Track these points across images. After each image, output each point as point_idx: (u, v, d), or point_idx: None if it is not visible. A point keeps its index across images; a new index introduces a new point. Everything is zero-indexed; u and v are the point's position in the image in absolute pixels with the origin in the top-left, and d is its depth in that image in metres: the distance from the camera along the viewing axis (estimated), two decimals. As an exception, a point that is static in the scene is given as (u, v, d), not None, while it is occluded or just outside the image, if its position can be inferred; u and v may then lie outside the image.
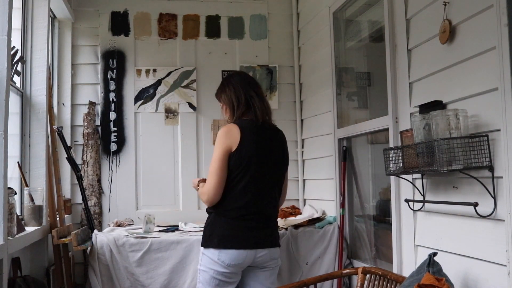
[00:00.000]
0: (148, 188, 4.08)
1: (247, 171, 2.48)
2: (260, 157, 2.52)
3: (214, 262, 2.46)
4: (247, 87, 2.62)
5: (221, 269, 2.46)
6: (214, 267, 2.47)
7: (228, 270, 2.46)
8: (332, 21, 3.63)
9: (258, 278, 2.58)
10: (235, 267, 2.48)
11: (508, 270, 1.84)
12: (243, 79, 2.67)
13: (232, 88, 2.62)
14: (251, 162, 2.48)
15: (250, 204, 2.50)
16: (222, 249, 2.46)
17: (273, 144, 2.61)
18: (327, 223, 3.47)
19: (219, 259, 2.45)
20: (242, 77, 2.70)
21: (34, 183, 3.09)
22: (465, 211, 2.08)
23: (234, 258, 2.45)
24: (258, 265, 2.56)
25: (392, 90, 2.71)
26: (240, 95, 2.59)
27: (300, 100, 4.31)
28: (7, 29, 2.22)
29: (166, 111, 4.15)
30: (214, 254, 2.47)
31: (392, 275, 2.44)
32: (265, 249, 2.53)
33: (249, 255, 2.48)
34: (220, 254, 2.45)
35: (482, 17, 2.00)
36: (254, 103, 2.58)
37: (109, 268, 3.05)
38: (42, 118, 3.15)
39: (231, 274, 2.49)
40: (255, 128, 2.54)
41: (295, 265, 3.33)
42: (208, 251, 2.49)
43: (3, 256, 2.16)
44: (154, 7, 4.21)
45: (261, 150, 2.53)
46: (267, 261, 2.55)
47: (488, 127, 1.98)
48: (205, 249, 2.51)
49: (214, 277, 2.47)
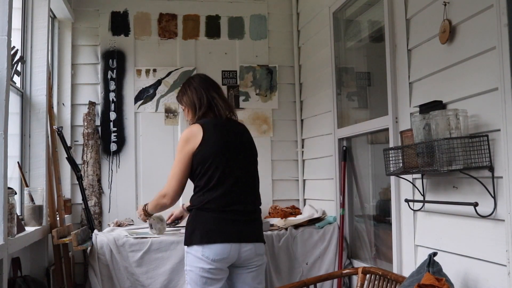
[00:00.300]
0: (148, 188, 4.07)
1: (218, 164, 2.53)
2: (227, 150, 2.58)
3: (199, 259, 2.46)
4: (208, 88, 2.72)
5: (207, 266, 2.45)
6: (200, 264, 2.46)
7: (214, 266, 2.45)
8: (332, 21, 3.63)
9: (245, 279, 2.58)
10: (220, 262, 2.47)
11: (508, 270, 1.84)
12: (204, 81, 2.76)
13: (194, 89, 2.71)
14: (219, 155, 2.54)
15: (228, 196, 2.53)
16: (205, 244, 2.46)
17: (237, 136, 2.68)
18: (327, 223, 3.47)
19: (203, 255, 2.45)
20: (202, 78, 2.79)
21: (34, 183, 3.09)
22: (465, 211, 2.08)
23: (218, 253, 2.45)
24: (244, 264, 2.55)
25: (392, 90, 2.71)
26: (202, 96, 2.69)
27: (300, 100, 4.31)
28: (7, 29, 2.22)
29: (166, 111, 4.15)
30: (198, 250, 2.47)
31: (392, 275, 2.44)
32: (249, 243, 2.53)
33: (233, 249, 2.47)
34: (204, 249, 2.45)
35: (482, 17, 2.00)
36: (217, 102, 2.67)
37: (109, 268, 3.05)
38: (42, 118, 3.15)
39: (217, 271, 2.48)
40: (218, 123, 2.63)
41: (295, 265, 3.33)
42: (192, 248, 2.50)
43: (3, 256, 2.16)
44: (154, 7, 4.21)
45: (226, 143, 2.59)
46: (252, 258, 2.55)
47: (488, 127, 1.98)
48: (189, 247, 2.52)
49: (200, 275, 2.47)
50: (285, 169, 4.27)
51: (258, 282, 2.60)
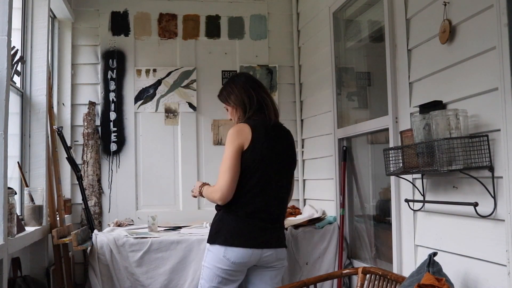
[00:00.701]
0: (148, 188, 4.08)
1: (258, 170, 2.48)
2: (271, 157, 2.53)
3: (219, 259, 2.46)
4: (257, 87, 2.63)
5: (225, 267, 2.45)
6: (219, 264, 2.46)
7: (232, 268, 2.45)
8: (332, 21, 3.63)
9: (264, 277, 2.58)
10: (239, 265, 2.47)
11: (508, 270, 1.84)
12: (250, 80, 2.67)
13: (242, 88, 2.60)
14: (262, 161, 2.49)
15: (259, 203, 2.50)
16: (228, 246, 2.45)
17: (283, 144, 2.63)
18: (327, 223, 3.47)
19: (225, 256, 2.44)
20: (248, 77, 2.70)
21: (34, 183, 3.09)
22: (465, 211, 2.08)
23: (240, 256, 2.45)
24: (264, 265, 2.55)
25: (392, 90, 2.71)
26: (251, 95, 2.58)
27: (300, 100, 4.31)
28: (7, 29, 2.22)
29: (166, 111, 4.15)
30: (220, 250, 2.46)
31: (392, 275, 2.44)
32: (271, 249, 2.52)
33: (254, 254, 2.47)
34: (226, 251, 2.45)
35: (482, 17, 2.00)
36: (267, 103, 2.60)
37: (109, 268, 3.05)
38: (42, 118, 3.15)
39: (235, 272, 2.48)
40: (266, 128, 2.55)
41: (295, 265, 3.33)
42: (214, 247, 2.48)
43: (3, 256, 2.16)
44: (154, 7, 4.22)
45: (272, 149, 2.53)
46: (273, 262, 2.55)
47: (488, 127, 1.98)
48: (211, 245, 2.50)
49: (217, 274, 2.47)
50: (285, 169, 4.27)
51: (276, 282, 2.60)
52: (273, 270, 2.58)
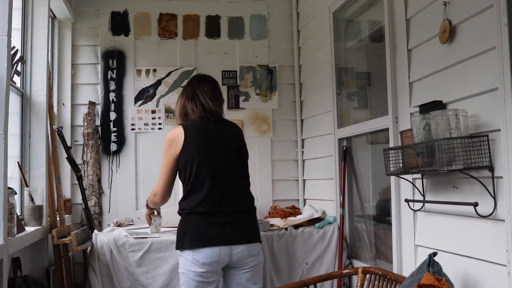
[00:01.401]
0: (148, 188, 4.04)
1: (201, 165, 2.53)
2: (211, 151, 2.57)
3: (190, 263, 2.46)
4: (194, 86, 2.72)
5: (198, 269, 2.45)
6: (191, 268, 2.46)
7: (205, 269, 2.45)
8: (332, 21, 3.63)
9: (240, 280, 2.56)
10: (211, 265, 2.46)
11: (508, 270, 1.84)
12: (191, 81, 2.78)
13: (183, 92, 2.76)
14: (202, 156, 2.54)
15: (214, 197, 2.52)
16: (195, 248, 2.45)
17: (224, 136, 2.65)
18: (327, 223, 3.47)
19: (194, 258, 2.45)
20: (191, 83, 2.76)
21: (34, 183, 3.09)
22: (465, 211, 2.08)
23: (208, 256, 2.44)
24: (238, 265, 2.53)
25: (392, 90, 2.71)
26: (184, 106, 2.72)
27: (300, 100, 4.31)
28: (7, 29, 2.22)
29: (166, 111, 4.15)
30: (189, 254, 2.47)
31: (392, 275, 2.44)
32: (240, 245, 2.50)
33: (223, 251, 2.46)
34: (194, 254, 2.45)
35: (482, 17, 2.00)
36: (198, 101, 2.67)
37: (109, 268, 3.05)
38: (42, 118, 3.15)
39: (209, 274, 2.47)
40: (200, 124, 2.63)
41: (295, 265, 3.33)
42: (183, 252, 2.50)
43: (3, 256, 2.16)
44: (154, 7, 4.21)
45: (211, 143, 2.58)
46: (245, 259, 2.52)
47: (488, 127, 1.98)
48: (181, 251, 2.52)
49: (193, 278, 2.46)
50: (285, 169, 4.27)
51: (253, 282, 2.57)
52: (247, 271, 2.54)
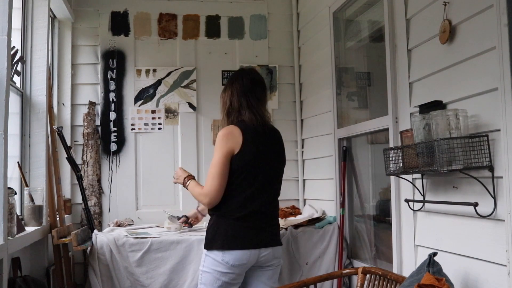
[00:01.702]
0: (148, 188, 4.08)
1: (249, 172, 2.50)
2: (262, 159, 2.54)
3: (218, 263, 2.46)
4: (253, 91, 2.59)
5: (225, 270, 2.46)
6: (218, 268, 2.47)
7: (232, 271, 2.47)
8: (332, 21, 3.63)
9: (261, 278, 2.59)
10: (239, 268, 2.48)
11: (508, 270, 1.84)
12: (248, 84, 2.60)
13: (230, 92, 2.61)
14: (254, 164, 2.50)
15: (252, 204, 2.51)
16: (226, 250, 2.46)
17: (272, 144, 2.64)
18: (327, 223, 3.47)
19: (223, 260, 2.45)
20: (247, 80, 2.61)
21: (34, 183, 3.09)
22: (465, 211, 2.08)
23: (238, 259, 2.46)
24: (261, 265, 2.56)
25: (392, 90, 2.71)
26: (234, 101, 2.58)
27: (300, 100, 4.31)
28: (7, 29, 2.22)
29: (166, 111, 4.15)
30: (218, 255, 2.47)
31: (392, 275, 2.44)
32: (268, 248, 2.54)
33: (252, 254, 2.49)
34: (224, 255, 2.46)
35: (482, 17, 2.00)
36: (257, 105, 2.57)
37: (109, 268, 3.05)
38: (42, 118, 3.15)
39: (235, 275, 2.49)
40: (256, 129, 2.55)
41: (295, 265, 3.33)
42: (212, 252, 2.49)
43: (3, 256, 2.16)
44: (154, 7, 4.21)
45: (263, 151, 2.55)
46: (270, 260, 2.57)
47: (488, 127, 1.98)
48: (208, 251, 2.51)
49: (218, 278, 2.47)
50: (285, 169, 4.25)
51: (273, 281, 2.62)
52: (269, 270, 2.59)
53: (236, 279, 2.51)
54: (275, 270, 2.63)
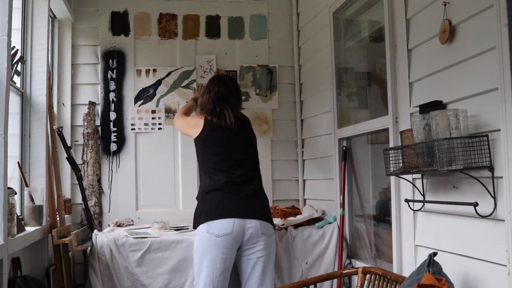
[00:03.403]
0: (148, 188, 4.08)
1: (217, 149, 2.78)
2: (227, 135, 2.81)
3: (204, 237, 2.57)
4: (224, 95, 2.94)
5: (212, 242, 2.55)
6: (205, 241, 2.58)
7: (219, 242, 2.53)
8: (332, 21, 3.63)
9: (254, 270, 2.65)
10: (225, 239, 2.53)
11: (508, 270, 1.84)
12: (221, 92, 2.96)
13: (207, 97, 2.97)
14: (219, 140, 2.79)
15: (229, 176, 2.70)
16: (209, 221, 2.57)
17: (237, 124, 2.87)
18: (327, 223, 3.47)
19: (208, 231, 2.55)
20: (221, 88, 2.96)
21: (34, 183, 3.09)
22: (465, 211, 2.08)
23: (222, 228, 2.53)
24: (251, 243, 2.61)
25: (392, 90, 2.71)
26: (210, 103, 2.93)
27: (300, 100, 4.31)
28: (7, 29, 2.22)
29: (166, 111, 4.15)
30: (203, 228, 2.58)
31: (392, 275, 2.44)
32: (253, 220, 2.61)
33: (237, 224, 2.56)
34: (209, 226, 2.56)
35: (482, 17, 2.00)
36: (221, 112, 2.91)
37: (109, 268, 3.05)
38: (42, 118, 3.15)
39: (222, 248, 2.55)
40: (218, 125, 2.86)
41: (295, 265, 3.33)
42: (198, 228, 2.62)
43: (3, 256, 2.16)
44: (154, 7, 4.21)
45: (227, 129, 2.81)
46: (258, 236, 2.62)
47: (488, 127, 1.98)
48: (196, 228, 2.65)
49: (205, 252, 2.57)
50: (285, 169, 4.27)
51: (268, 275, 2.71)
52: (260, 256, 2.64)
53: (225, 253, 2.55)
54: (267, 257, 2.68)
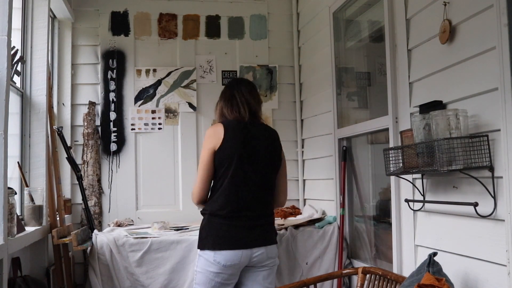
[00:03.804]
0: (148, 188, 4.08)
1: (230, 168, 2.52)
2: (245, 155, 2.54)
3: (210, 263, 2.48)
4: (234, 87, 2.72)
5: (217, 270, 2.47)
6: (211, 268, 2.48)
7: (224, 271, 2.47)
8: (332, 21, 3.63)
9: (256, 278, 2.58)
10: (231, 268, 2.48)
11: (508, 270, 1.84)
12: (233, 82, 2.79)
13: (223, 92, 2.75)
14: (234, 160, 2.52)
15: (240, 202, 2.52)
16: (217, 250, 2.47)
17: (260, 142, 2.63)
18: (327, 223, 3.47)
19: (215, 260, 2.47)
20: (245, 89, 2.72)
21: (34, 183, 3.09)
22: (465, 211, 2.08)
23: (229, 259, 2.46)
24: (255, 265, 2.56)
25: (392, 90, 2.71)
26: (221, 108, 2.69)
27: (300, 100, 4.31)
28: (7, 29, 2.22)
29: (166, 111, 4.15)
30: (210, 255, 2.48)
31: (392, 275, 2.44)
32: (261, 247, 2.53)
33: (244, 255, 2.49)
34: (216, 255, 2.47)
35: (482, 17, 2.00)
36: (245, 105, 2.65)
37: (109, 268, 3.05)
38: (42, 118, 3.15)
39: (227, 276, 2.49)
40: (239, 126, 2.59)
41: (295, 265, 3.33)
42: (204, 252, 2.51)
43: (3, 256, 2.16)
44: (154, 7, 4.21)
45: (245, 147, 2.55)
46: (264, 260, 2.56)
47: (488, 127, 1.98)
48: (201, 250, 2.54)
49: (211, 278, 2.49)
50: (285, 169, 4.26)
51: (269, 282, 2.61)
52: (265, 270, 2.58)
53: (229, 279, 2.51)
54: (271, 270, 2.62)
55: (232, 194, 2.52)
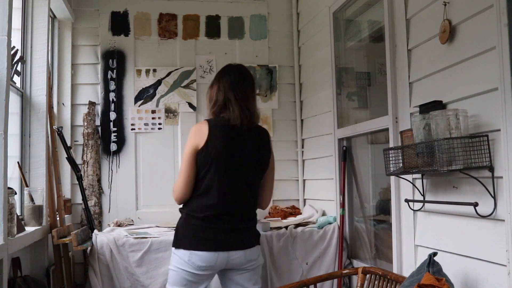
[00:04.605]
0: (148, 188, 4.08)
1: (211, 168, 2.43)
2: (228, 157, 2.45)
3: (184, 262, 2.42)
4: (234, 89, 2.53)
5: (191, 270, 2.41)
6: (185, 267, 2.42)
7: (198, 271, 2.42)
8: (332, 21, 3.63)
9: (239, 281, 2.52)
10: (206, 269, 2.43)
11: (508, 270, 1.84)
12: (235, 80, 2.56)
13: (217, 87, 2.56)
14: (217, 160, 2.43)
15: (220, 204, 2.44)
16: (193, 250, 2.41)
17: (246, 143, 2.52)
18: (327, 223, 3.47)
19: (190, 260, 2.41)
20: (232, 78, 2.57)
21: (34, 183, 3.09)
22: (465, 211, 2.08)
23: (205, 260, 2.40)
24: (234, 268, 2.49)
25: (392, 90, 2.71)
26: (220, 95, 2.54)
27: (300, 100, 4.31)
28: (7, 29, 2.22)
29: (166, 111, 4.15)
30: (185, 254, 2.42)
31: (392, 275, 2.44)
32: (239, 251, 2.46)
33: (220, 257, 2.43)
34: (191, 255, 2.41)
35: (482, 17, 2.00)
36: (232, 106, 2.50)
37: (109, 268, 3.05)
38: (42, 118, 3.15)
39: (201, 276, 2.44)
40: (226, 127, 2.48)
41: (295, 265, 3.33)
42: (179, 251, 2.45)
43: (3, 256, 2.16)
44: (154, 7, 4.22)
45: (230, 148, 2.46)
46: (243, 264, 2.49)
47: (488, 127, 1.98)
48: (176, 249, 2.47)
49: (183, 277, 2.43)
50: (285, 169, 4.26)
51: (253, 283, 2.54)
52: (246, 272, 2.51)
53: (202, 279, 2.45)
54: (254, 271, 2.54)
55: (213, 197, 2.43)
